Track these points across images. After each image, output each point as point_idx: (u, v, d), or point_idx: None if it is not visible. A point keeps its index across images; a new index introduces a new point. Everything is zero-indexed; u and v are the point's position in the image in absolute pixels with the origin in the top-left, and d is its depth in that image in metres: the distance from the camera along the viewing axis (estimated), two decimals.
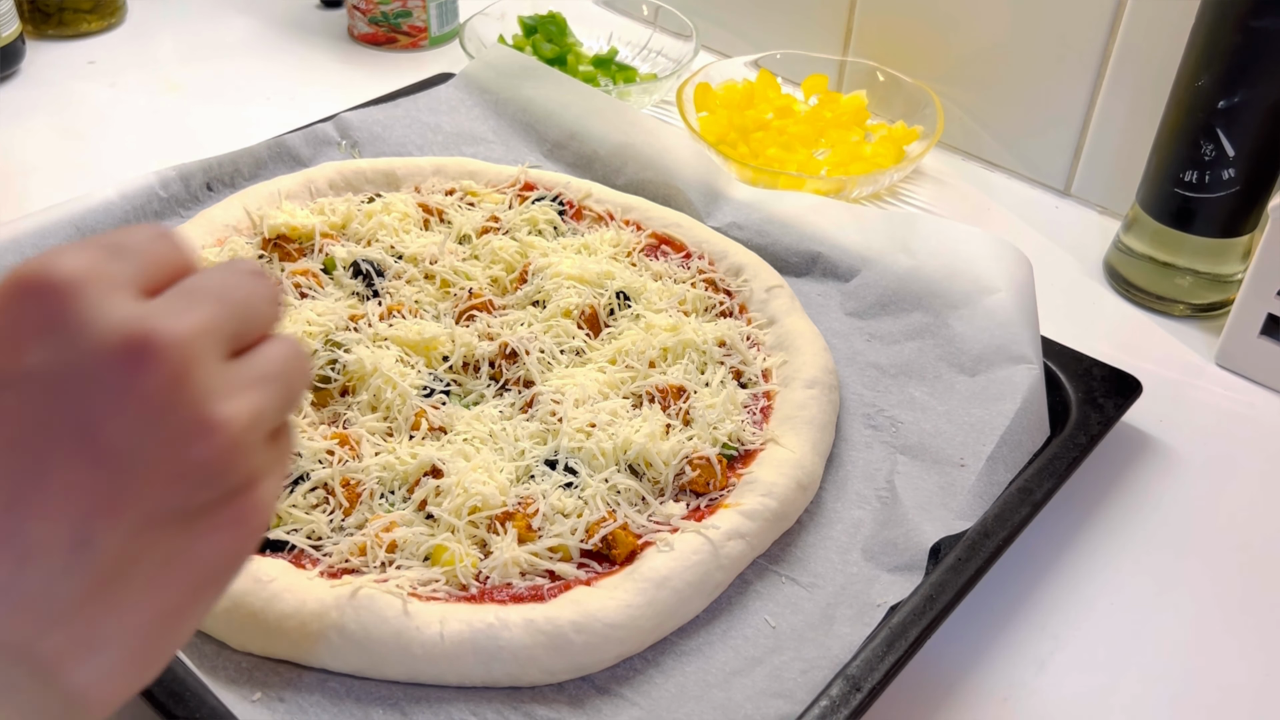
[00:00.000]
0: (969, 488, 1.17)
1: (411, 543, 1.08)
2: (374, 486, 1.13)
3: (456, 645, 0.99)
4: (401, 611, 1.00)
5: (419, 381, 1.24)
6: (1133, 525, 1.26)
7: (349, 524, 1.11)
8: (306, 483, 1.12)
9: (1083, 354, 1.35)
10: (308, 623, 1.00)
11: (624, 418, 1.21)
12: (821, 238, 1.49)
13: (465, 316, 1.34)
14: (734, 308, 1.39)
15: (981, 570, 1.10)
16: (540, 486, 1.14)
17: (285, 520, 1.10)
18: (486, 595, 1.04)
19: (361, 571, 1.06)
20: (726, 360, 1.30)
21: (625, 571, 1.07)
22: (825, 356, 1.31)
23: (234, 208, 1.46)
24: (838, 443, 1.26)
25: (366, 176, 1.56)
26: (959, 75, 1.83)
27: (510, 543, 1.07)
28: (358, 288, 1.37)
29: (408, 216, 1.47)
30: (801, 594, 1.10)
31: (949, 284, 1.38)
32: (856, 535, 1.16)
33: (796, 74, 1.95)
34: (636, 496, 1.14)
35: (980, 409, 1.25)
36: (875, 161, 1.74)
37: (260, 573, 1.02)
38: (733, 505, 1.13)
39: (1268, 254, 1.37)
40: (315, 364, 1.24)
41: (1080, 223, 1.74)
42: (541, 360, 1.27)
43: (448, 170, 1.58)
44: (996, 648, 1.13)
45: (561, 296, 1.34)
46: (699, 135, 1.76)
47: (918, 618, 1.04)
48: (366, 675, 1.00)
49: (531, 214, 1.49)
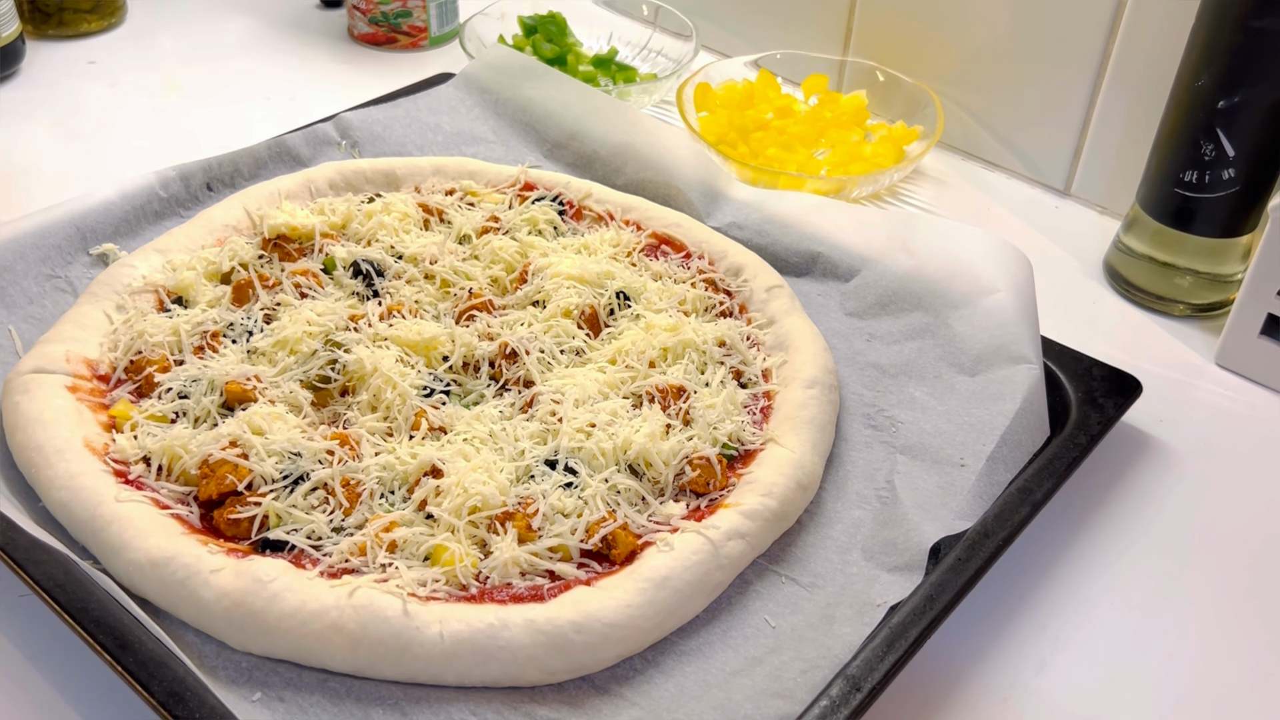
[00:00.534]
0: (969, 488, 1.17)
1: (411, 543, 1.08)
2: (374, 486, 1.13)
3: (456, 645, 0.99)
4: (401, 611, 1.00)
5: (419, 381, 1.24)
6: (1133, 526, 1.26)
7: (349, 524, 1.10)
8: (306, 483, 1.12)
9: (1083, 354, 1.35)
10: (308, 623, 0.99)
11: (624, 418, 1.21)
12: (821, 238, 1.49)
13: (465, 316, 1.34)
14: (734, 308, 1.39)
15: (981, 570, 1.10)
16: (540, 486, 1.13)
17: (285, 520, 1.10)
18: (486, 595, 1.04)
19: (361, 571, 1.06)
20: (726, 360, 1.30)
21: (625, 571, 1.06)
22: (825, 356, 1.30)
23: (234, 208, 1.47)
24: (838, 443, 1.26)
25: (366, 176, 1.56)
26: (959, 75, 1.83)
27: (510, 543, 1.07)
28: (358, 288, 1.37)
29: (408, 216, 1.47)
30: (801, 594, 1.10)
31: (949, 284, 1.38)
32: (856, 535, 1.16)
33: (796, 74, 1.95)
34: (636, 496, 1.14)
35: (980, 409, 1.25)
36: (875, 161, 1.74)
37: (260, 573, 1.02)
38: (733, 505, 1.13)
39: (1267, 254, 1.37)
40: (315, 364, 1.24)
41: (1080, 223, 1.74)
42: (541, 360, 1.27)
43: (447, 170, 1.58)
44: (997, 648, 1.12)
45: (561, 296, 1.34)
46: (699, 135, 1.76)
47: (918, 618, 1.04)
48: (366, 675, 1.00)
49: (531, 214, 1.49)
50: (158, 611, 1.04)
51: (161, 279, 1.35)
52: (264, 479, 1.12)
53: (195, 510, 1.12)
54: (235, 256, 1.38)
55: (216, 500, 1.11)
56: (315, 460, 1.15)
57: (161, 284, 1.35)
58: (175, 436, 1.16)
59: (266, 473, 1.12)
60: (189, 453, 1.14)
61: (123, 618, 1.00)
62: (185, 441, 1.15)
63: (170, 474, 1.14)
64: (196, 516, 1.11)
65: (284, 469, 1.13)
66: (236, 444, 1.14)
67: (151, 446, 1.15)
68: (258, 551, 1.07)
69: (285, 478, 1.12)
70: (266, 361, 1.26)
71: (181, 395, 1.22)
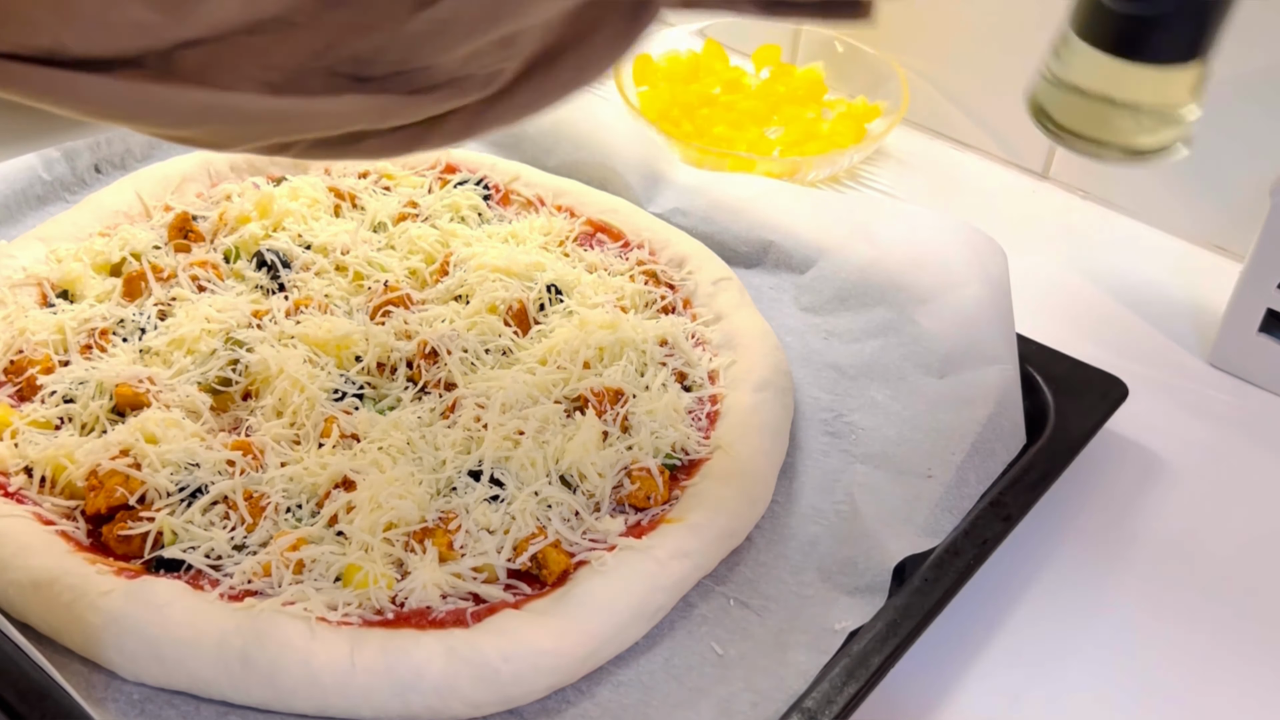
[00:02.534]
0: (936, 501, 1.18)
1: (320, 562, 1.08)
2: (279, 500, 1.14)
3: (370, 675, 0.99)
4: (309, 638, 1.00)
5: (329, 384, 1.25)
6: (1117, 543, 1.27)
7: (252, 541, 1.11)
8: (205, 496, 1.13)
9: (1062, 353, 1.36)
10: (206, 650, 1.00)
11: (555, 424, 1.21)
12: (774, 225, 1.50)
13: (380, 312, 1.34)
14: (677, 303, 1.40)
15: (950, 592, 1.11)
16: (463, 500, 1.14)
17: (182, 537, 1.10)
18: (403, 620, 1.05)
19: (266, 594, 1.06)
20: (669, 361, 1.31)
21: (557, 594, 1.07)
22: (778, 356, 1.32)
23: (125, 192, 1.46)
24: (792, 451, 1.27)
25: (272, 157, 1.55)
26: (926, 46, 1.84)
27: (430, 562, 1.08)
28: (262, 280, 1.37)
29: (317, 202, 1.47)
30: (752, 618, 1.11)
31: (915, 276, 1.39)
32: (812, 554, 1.17)
33: (746, 44, 1.96)
34: (569, 511, 1.15)
35: (949, 414, 1.26)
36: (833, 141, 1.75)
37: (154, 595, 1.02)
38: (676, 521, 1.14)
39: (1266, 243, 1.39)
40: (214, 365, 1.25)
41: (1060, 209, 1.75)
42: (464, 361, 1.28)
43: None
44: (967, 678, 1.14)
45: (486, 290, 1.35)
46: (639, 112, 1.77)
47: (880, 645, 1.06)
48: (271, 709, 1.00)
49: (453, 199, 1.50)
50: (41, 638, 1.04)
51: (45, 270, 1.35)
52: (158, 491, 1.12)
53: (82, 526, 1.12)
54: (127, 246, 1.38)
55: (106, 515, 1.11)
56: (215, 471, 1.15)
57: (45, 276, 1.34)
58: (60, 445, 1.15)
59: (161, 485, 1.12)
60: (75, 463, 1.14)
61: (2, 645, 1.00)
62: (71, 450, 1.15)
63: (55, 486, 1.14)
64: (84, 533, 1.11)
65: (180, 481, 1.13)
66: (128, 453, 1.15)
67: (34, 456, 1.15)
68: (151, 572, 1.07)
69: (182, 490, 1.13)
70: (161, 362, 1.26)
71: (67, 399, 1.22)
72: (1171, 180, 1.67)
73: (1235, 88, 1.53)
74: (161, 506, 1.11)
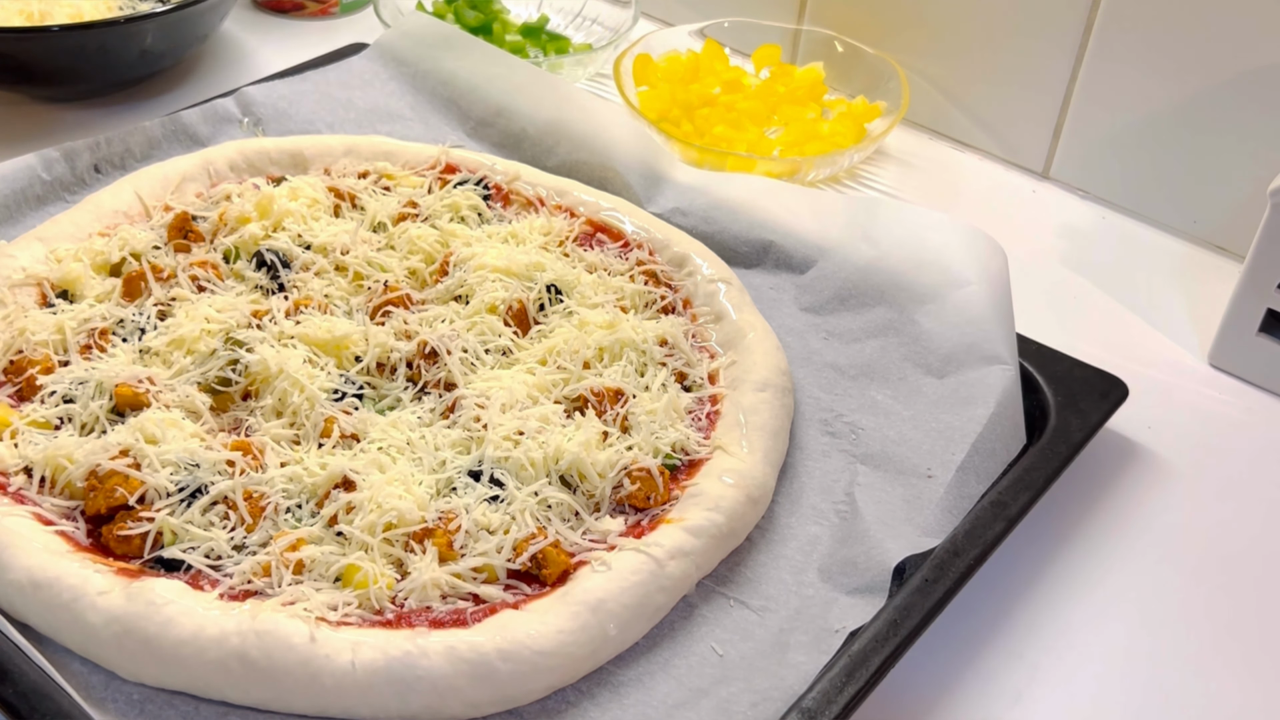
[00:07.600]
0: (937, 501, 1.18)
1: (320, 562, 1.08)
2: (279, 500, 1.14)
3: (370, 675, 0.99)
4: (309, 638, 1.00)
5: (329, 384, 1.25)
6: (1117, 541, 1.27)
7: (252, 541, 1.11)
8: (205, 496, 1.12)
9: (1063, 353, 1.37)
10: (206, 650, 1.00)
11: (555, 424, 1.21)
12: (774, 225, 1.50)
13: (380, 312, 1.34)
14: (677, 303, 1.40)
15: (951, 592, 1.11)
16: (463, 500, 1.14)
17: (181, 537, 1.10)
18: (403, 620, 1.05)
19: (265, 594, 1.06)
20: (669, 361, 1.31)
21: (557, 594, 1.07)
22: (778, 356, 1.31)
23: (125, 192, 1.46)
24: (792, 451, 1.27)
25: (271, 157, 1.56)
26: (926, 45, 1.84)
27: (429, 563, 1.08)
28: (261, 280, 1.37)
29: (317, 202, 1.47)
30: (752, 619, 1.11)
31: (915, 276, 1.39)
32: (813, 554, 1.17)
33: (746, 44, 1.96)
34: (569, 511, 1.15)
35: (949, 414, 1.26)
36: (833, 140, 1.75)
37: (153, 595, 1.02)
38: (676, 521, 1.14)
39: (1266, 243, 1.38)
40: (214, 365, 1.24)
41: (1060, 208, 1.75)
42: (464, 361, 1.28)
43: (361, 150, 1.58)
44: (967, 677, 1.14)
45: (486, 290, 1.35)
46: (639, 112, 1.77)
47: (880, 645, 1.05)
48: (271, 709, 1.00)
49: (453, 199, 1.49)
50: (40, 638, 1.04)
51: (44, 271, 1.35)
52: (158, 492, 1.12)
53: (82, 526, 1.12)
54: (126, 246, 1.38)
55: (105, 515, 1.11)
56: (215, 471, 1.15)
57: (44, 276, 1.34)
58: (60, 445, 1.15)
59: (161, 485, 1.12)
60: (75, 463, 1.14)
61: (2, 645, 1.00)
62: (71, 450, 1.15)
63: (54, 486, 1.14)
64: (83, 533, 1.11)
65: (180, 481, 1.13)
66: (128, 453, 1.14)
67: (34, 456, 1.15)
68: (151, 571, 1.07)
69: (181, 490, 1.12)
70: (161, 362, 1.26)
71: (67, 399, 1.22)
72: (1171, 180, 1.67)
73: (1235, 88, 1.54)
74: (161, 507, 1.11)
